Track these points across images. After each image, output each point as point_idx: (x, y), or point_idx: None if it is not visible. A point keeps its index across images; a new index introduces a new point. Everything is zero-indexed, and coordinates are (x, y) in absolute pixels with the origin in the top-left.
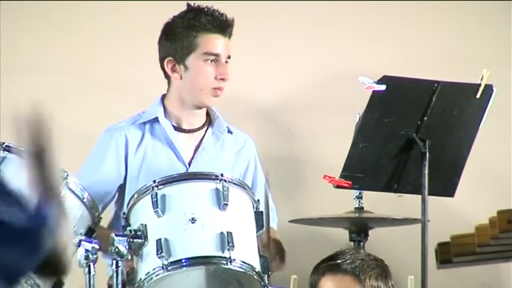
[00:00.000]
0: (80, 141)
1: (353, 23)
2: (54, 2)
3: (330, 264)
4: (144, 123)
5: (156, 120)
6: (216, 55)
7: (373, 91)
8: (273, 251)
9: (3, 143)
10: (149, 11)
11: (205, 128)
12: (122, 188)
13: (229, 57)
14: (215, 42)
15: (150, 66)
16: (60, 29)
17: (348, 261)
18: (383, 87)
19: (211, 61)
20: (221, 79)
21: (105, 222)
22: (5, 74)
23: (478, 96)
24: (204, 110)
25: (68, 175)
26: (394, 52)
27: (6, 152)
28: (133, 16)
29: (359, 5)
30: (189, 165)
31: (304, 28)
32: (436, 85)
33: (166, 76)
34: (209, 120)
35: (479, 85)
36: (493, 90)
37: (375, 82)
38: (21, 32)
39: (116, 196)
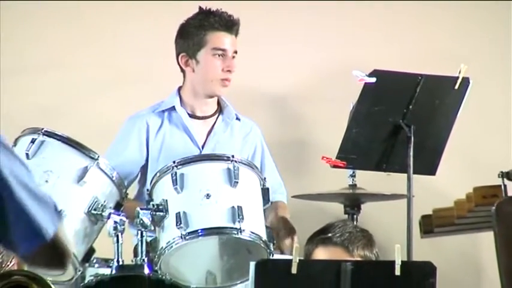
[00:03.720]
0: (104, 128)
1: (349, 22)
2: (76, 2)
3: (322, 238)
4: (163, 111)
5: (173, 108)
6: (223, 50)
7: (365, 83)
8: (284, 233)
9: (43, 128)
10: (167, 10)
11: (216, 115)
12: (144, 168)
13: (235, 52)
14: (222, 39)
15: (166, 61)
16: (82, 26)
17: (338, 235)
18: (373, 79)
19: (219, 55)
20: (228, 71)
21: (130, 197)
22: (31, 70)
23: (456, 87)
24: (215, 99)
25: (98, 156)
26: (392, 49)
27: (45, 136)
28: (151, 14)
29: (357, 5)
30: (202, 148)
31: (307, 26)
32: (420, 78)
33: (182, 70)
34: (220, 109)
35: (458, 78)
36: (469, 83)
37: (366, 75)
38: (45, 30)
39: (139, 175)
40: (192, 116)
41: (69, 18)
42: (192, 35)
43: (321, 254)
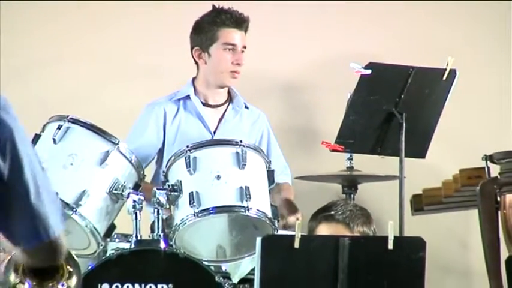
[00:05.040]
0: (121, 115)
1: (349, 17)
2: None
3: (325, 215)
4: (179, 99)
5: (188, 97)
6: (233, 45)
7: (361, 74)
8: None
9: (68, 116)
10: (177, 6)
11: (227, 104)
12: (160, 151)
13: (244, 47)
14: (232, 35)
15: (178, 53)
16: (96, 21)
17: (339, 212)
18: (369, 71)
19: (229, 50)
20: (237, 64)
21: (147, 178)
22: (47, 63)
23: (444, 78)
24: (225, 89)
25: (119, 141)
26: (385, 44)
27: (70, 123)
28: (165, 9)
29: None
30: (214, 133)
31: (310, 20)
32: (411, 69)
33: (195, 62)
34: (230, 98)
35: (445, 70)
36: (456, 74)
37: (362, 67)
38: (66, 24)
39: (156, 157)
40: (205, 104)
41: (87, 12)
42: (205, 31)
43: (324, 230)
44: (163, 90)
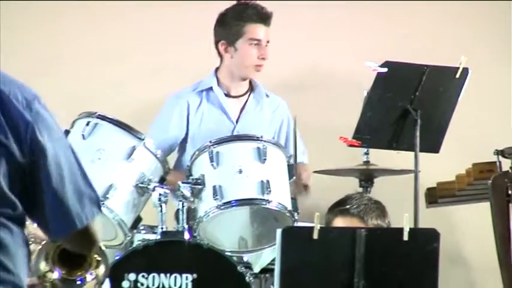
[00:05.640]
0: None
1: (365, 18)
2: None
3: (340, 209)
4: (202, 91)
5: (210, 88)
6: (259, 40)
7: (378, 73)
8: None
9: (96, 112)
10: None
11: (248, 94)
12: (183, 141)
13: (268, 41)
14: (258, 30)
15: (198, 49)
16: (109, 21)
17: (354, 206)
18: (385, 69)
19: (255, 44)
20: (262, 58)
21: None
22: (61, 63)
23: (457, 76)
24: (248, 80)
25: (144, 137)
26: (405, 43)
27: (98, 119)
28: (187, 9)
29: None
30: (236, 123)
31: (327, 22)
32: (425, 68)
33: (219, 54)
34: (251, 88)
35: (458, 68)
36: (468, 72)
37: (379, 66)
38: (71, 24)
39: (178, 147)
40: (227, 95)
41: (111, 12)
42: (231, 25)
43: (340, 223)
44: (180, 86)
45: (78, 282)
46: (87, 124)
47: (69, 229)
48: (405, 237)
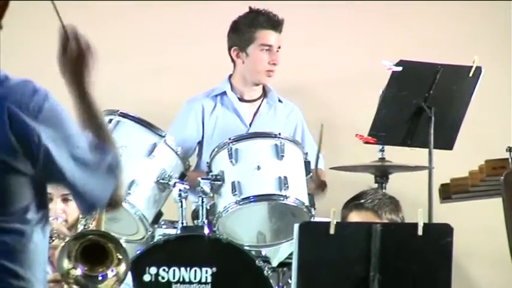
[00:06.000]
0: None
1: (380, 18)
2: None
3: (355, 204)
4: (216, 95)
5: (224, 93)
6: (270, 46)
7: (392, 71)
8: (318, 183)
9: (118, 110)
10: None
11: (261, 99)
12: (200, 144)
13: (279, 47)
14: (269, 36)
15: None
16: (139, 20)
17: (369, 201)
18: (400, 68)
19: (266, 50)
20: (273, 64)
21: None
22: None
23: (470, 75)
24: (261, 85)
25: (165, 134)
26: (410, 42)
27: (120, 117)
28: (201, 11)
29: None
30: (250, 126)
31: (342, 24)
32: (439, 67)
33: (232, 60)
34: (264, 93)
35: (472, 67)
36: (481, 71)
37: (394, 65)
38: (87, 23)
39: (196, 149)
40: (241, 99)
41: (111, 12)
42: (243, 32)
43: (355, 217)
44: (198, 87)
45: (100, 278)
46: (109, 122)
47: (97, 207)
48: (420, 232)
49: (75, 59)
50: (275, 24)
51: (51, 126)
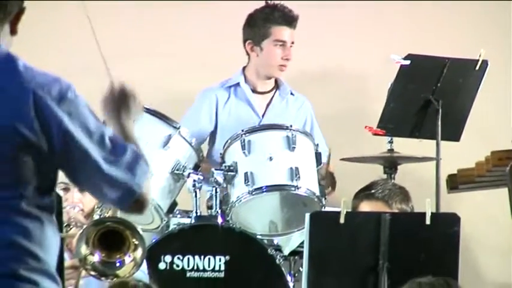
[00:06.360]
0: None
1: (387, 16)
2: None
3: (366, 194)
4: (230, 86)
5: (238, 85)
6: (284, 42)
7: (401, 65)
8: (328, 181)
9: None
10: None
11: (274, 91)
12: (213, 133)
13: (293, 42)
14: (283, 32)
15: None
16: (160, 20)
17: (379, 191)
18: (408, 62)
19: (280, 46)
20: (286, 59)
21: None
22: (126, 56)
23: (477, 68)
24: (273, 78)
25: (180, 126)
26: (418, 37)
27: None
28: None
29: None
30: (262, 117)
31: (356, 20)
32: (447, 60)
33: (247, 53)
34: (277, 85)
35: (478, 60)
36: (487, 64)
37: (402, 58)
38: (117, 22)
39: (208, 139)
40: (254, 91)
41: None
42: (258, 26)
43: (365, 207)
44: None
45: (118, 265)
46: None
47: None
48: (427, 221)
49: (118, 101)
50: (290, 20)
51: (73, 113)
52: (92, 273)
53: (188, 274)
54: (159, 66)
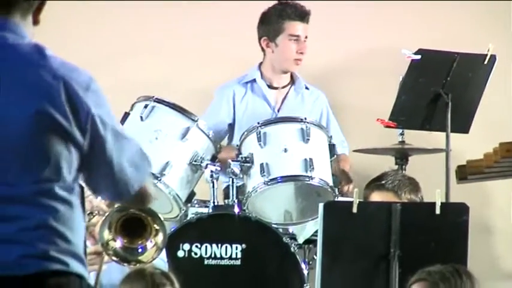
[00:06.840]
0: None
1: (399, 10)
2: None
3: (377, 184)
4: (246, 82)
5: (254, 80)
6: (297, 36)
7: (412, 60)
8: (344, 182)
9: (153, 96)
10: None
11: (289, 86)
12: (231, 127)
13: (306, 37)
14: (297, 27)
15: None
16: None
17: (389, 181)
18: (418, 56)
19: (294, 40)
20: (300, 53)
21: None
22: (134, 55)
23: (485, 62)
24: (289, 73)
25: (198, 119)
26: (428, 33)
27: (155, 103)
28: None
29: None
30: (278, 112)
31: (367, 13)
32: (456, 55)
33: (262, 49)
34: (292, 80)
35: (486, 55)
36: (495, 59)
37: (413, 53)
38: (150, 19)
39: (227, 132)
40: (270, 86)
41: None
42: (272, 23)
43: (376, 197)
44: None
45: (140, 250)
46: (145, 107)
47: (123, 197)
48: (437, 211)
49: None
50: (302, 15)
51: (97, 102)
52: (114, 258)
53: (206, 262)
54: (180, 63)
